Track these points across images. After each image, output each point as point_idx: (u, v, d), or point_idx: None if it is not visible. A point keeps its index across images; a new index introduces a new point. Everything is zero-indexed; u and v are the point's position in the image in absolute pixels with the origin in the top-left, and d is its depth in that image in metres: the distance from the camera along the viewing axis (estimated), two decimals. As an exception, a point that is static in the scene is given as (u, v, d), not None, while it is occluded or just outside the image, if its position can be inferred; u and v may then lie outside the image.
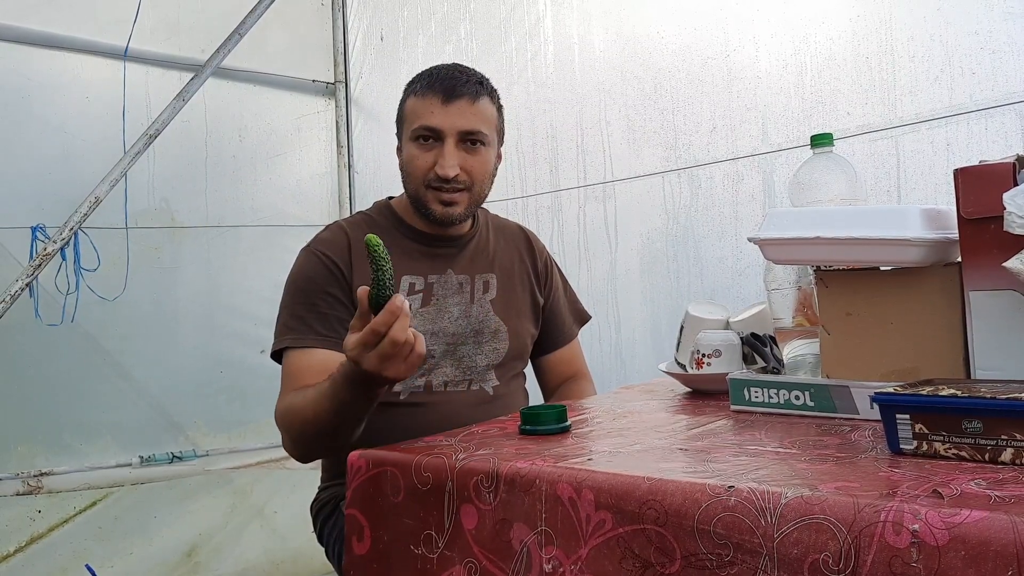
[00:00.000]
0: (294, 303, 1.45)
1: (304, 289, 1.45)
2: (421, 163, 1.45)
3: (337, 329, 1.41)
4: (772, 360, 1.31)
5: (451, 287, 1.53)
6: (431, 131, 1.43)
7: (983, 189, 0.95)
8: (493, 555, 0.90)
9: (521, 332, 1.60)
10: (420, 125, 1.44)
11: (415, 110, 1.46)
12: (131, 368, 2.72)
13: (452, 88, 1.44)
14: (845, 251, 1.06)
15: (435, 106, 1.43)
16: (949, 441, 0.81)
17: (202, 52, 2.74)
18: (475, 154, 1.46)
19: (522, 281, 1.64)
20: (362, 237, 1.50)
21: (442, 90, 1.43)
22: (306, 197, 3.24)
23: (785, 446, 0.94)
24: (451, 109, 1.43)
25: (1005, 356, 0.96)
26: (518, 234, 1.69)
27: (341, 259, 1.46)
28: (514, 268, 1.63)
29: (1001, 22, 1.74)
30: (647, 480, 0.80)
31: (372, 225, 1.54)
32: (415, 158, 1.46)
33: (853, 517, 0.67)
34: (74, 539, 2.51)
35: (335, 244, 1.48)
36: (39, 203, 2.55)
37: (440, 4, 2.99)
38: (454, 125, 1.43)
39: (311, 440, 1.34)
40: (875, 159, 1.92)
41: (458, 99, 1.43)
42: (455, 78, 1.46)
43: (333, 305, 1.43)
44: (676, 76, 2.32)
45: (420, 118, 1.44)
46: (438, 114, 1.43)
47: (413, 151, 1.46)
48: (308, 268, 1.47)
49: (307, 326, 1.41)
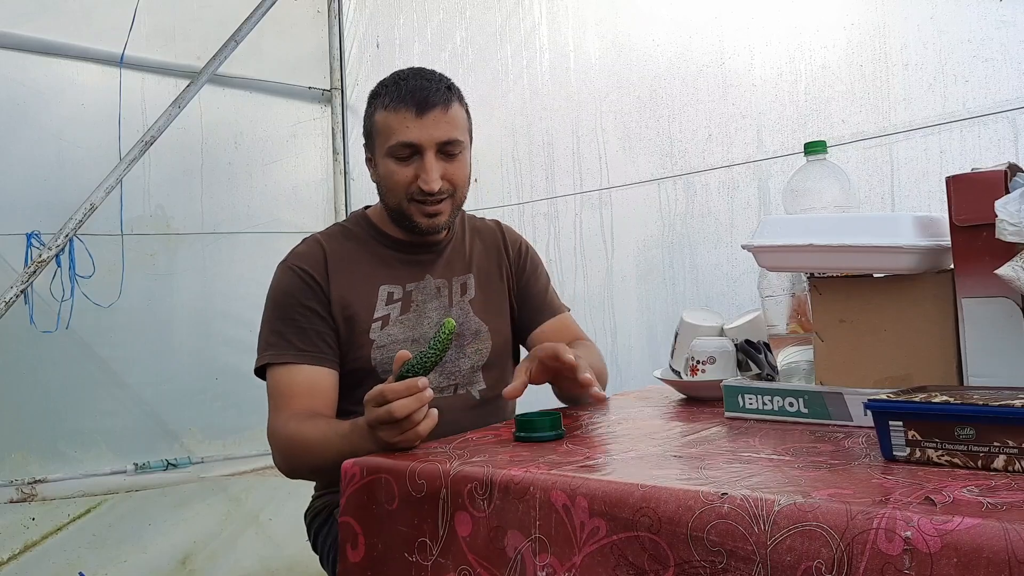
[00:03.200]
0: (273, 318, 1.45)
1: (282, 304, 1.45)
2: (401, 178, 1.43)
3: (316, 343, 1.42)
4: (766, 367, 1.32)
5: (430, 292, 1.53)
6: (410, 147, 1.41)
7: (975, 197, 0.96)
8: (487, 562, 0.90)
9: (503, 330, 1.60)
10: (397, 142, 1.41)
11: (388, 125, 1.42)
12: (126, 375, 2.71)
13: (424, 99, 1.40)
14: (839, 258, 1.07)
15: (409, 120, 1.40)
16: (942, 448, 0.81)
17: (198, 59, 2.74)
18: (454, 162, 1.45)
19: (500, 277, 1.62)
20: (338, 248, 1.52)
21: (414, 103, 1.40)
22: (302, 204, 3.24)
23: (779, 453, 0.94)
24: (426, 121, 1.40)
25: (998, 363, 0.97)
26: (494, 231, 1.68)
27: (318, 272, 1.46)
28: (492, 266, 1.62)
29: (994, 30, 1.75)
30: (641, 487, 0.80)
31: (348, 236, 1.54)
32: (394, 173, 1.43)
33: (846, 524, 0.67)
34: (68, 547, 2.50)
35: (311, 257, 1.48)
36: (34, 210, 2.55)
37: (436, 12, 3.00)
38: (432, 137, 1.41)
39: (309, 469, 1.37)
40: (869, 166, 1.92)
41: (431, 109, 1.40)
42: (424, 88, 1.42)
43: (312, 319, 1.43)
44: (671, 83, 2.33)
45: (395, 134, 1.41)
46: (413, 128, 1.40)
47: (391, 167, 1.44)
48: (285, 283, 1.47)
49: (287, 341, 1.42)
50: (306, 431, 1.32)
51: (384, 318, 1.48)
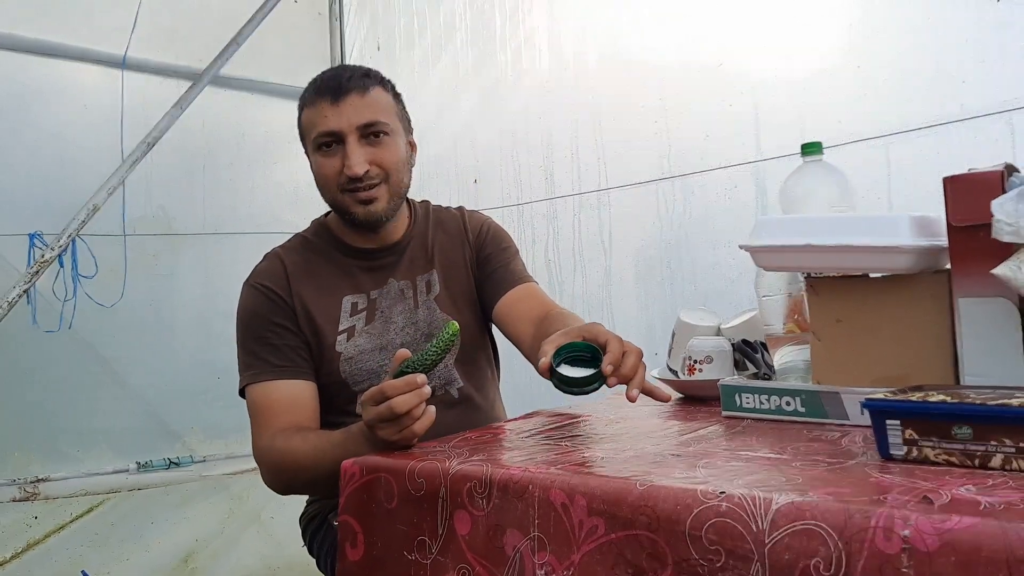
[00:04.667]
0: (246, 339, 1.45)
1: (251, 324, 1.45)
2: (329, 169, 1.42)
3: (292, 357, 1.42)
4: (763, 366, 1.32)
5: (394, 297, 1.51)
6: (330, 135, 1.41)
7: (972, 197, 0.96)
8: (486, 561, 0.90)
9: (470, 324, 1.54)
10: (318, 133, 1.41)
11: (310, 120, 1.43)
12: (128, 374, 2.72)
13: (338, 87, 1.41)
14: (835, 258, 1.07)
15: (326, 109, 1.40)
16: (939, 447, 0.82)
17: (200, 60, 2.75)
18: (380, 145, 1.43)
19: (464, 265, 1.58)
20: (299, 261, 1.50)
21: (329, 92, 1.41)
22: (303, 205, 3.21)
23: (776, 452, 0.94)
24: (342, 107, 1.40)
25: (994, 362, 0.97)
26: (456, 219, 1.63)
27: (280, 287, 1.46)
28: (456, 255, 1.58)
29: (991, 31, 1.75)
30: (639, 486, 0.80)
31: (308, 248, 1.53)
32: (322, 166, 1.43)
33: (844, 523, 0.67)
34: (70, 545, 2.50)
35: (272, 274, 1.48)
36: (37, 210, 2.56)
37: (436, 14, 3.01)
38: (350, 122, 1.40)
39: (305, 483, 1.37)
40: (865, 167, 1.92)
41: (347, 95, 1.40)
42: (338, 76, 1.43)
43: (282, 335, 1.43)
44: (669, 85, 2.33)
45: (316, 126, 1.41)
46: (331, 116, 1.40)
47: (319, 160, 1.43)
48: (251, 302, 1.47)
49: (262, 360, 1.42)
50: (296, 446, 1.30)
51: (349, 330, 1.47)
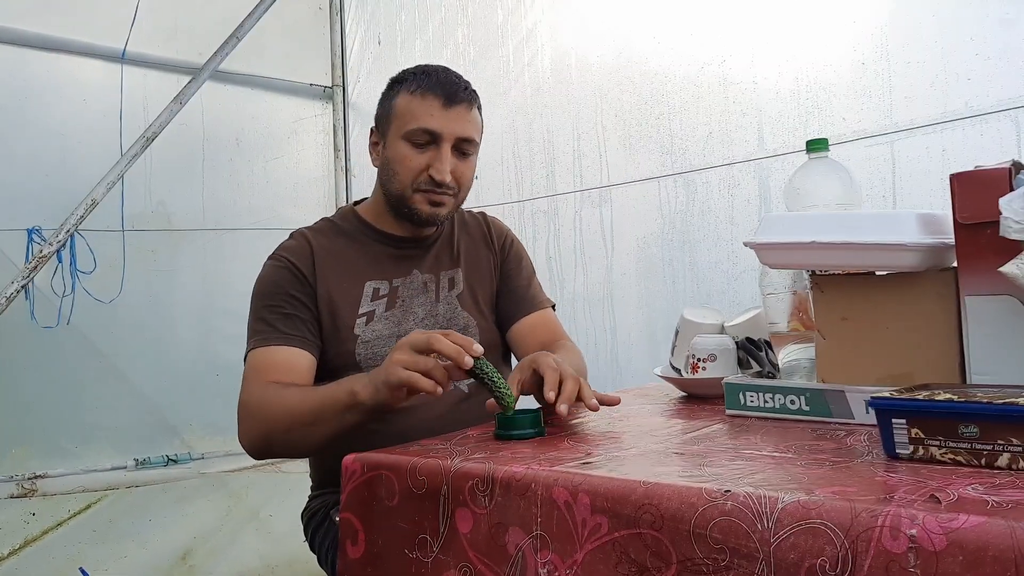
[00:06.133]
0: (259, 308, 1.44)
1: (268, 293, 1.45)
2: (414, 164, 1.43)
3: (301, 329, 1.41)
4: (767, 364, 1.31)
5: (416, 288, 1.52)
6: (429, 134, 1.41)
7: (979, 194, 0.95)
8: (488, 559, 0.90)
9: (491, 325, 1.57)
10: (419, 127, 1.41)
11: (411, 110, 1.43)
12: (127, 371, 2.72)
13: (453, 93, 1.42)
14: (841, 255, 1.06)
15: (435, 109, 1.41)
16: (945, 446, 0.81)
17: (200, 55, 2.74)
18: (465, 162, 1.46)
19: (488, 271, 1.61)
20: (325, 243, 1.51)
21: (443, 94, 1.42)
22: (303, 200, 3.24)
23: (781, 450, 0.93)
24: (451, 114, 1.41)
25: (1001, 361, 0.96)
26: (480, 223, 1.66)
27: (305, 266, 1.46)
28: (479, 259, 1.61)
29: (997, 28, 1.75)
30: (643, 484, 0.80)
31: (336, 231, 1.54)
32: (407, 159, 1.43)
33: (850, 522, 0.67)
34: (68, 542, 2.50)
35: (298, 251, 1.48)
36: (35, 205, 2.55)
37: (437, 9, 3.00)
38: (453, 131, 1.42)
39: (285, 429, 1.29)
40: (871, 164, 1.92)
41: (458, 104, 1.42)
42: (454, 83, 1.44)
43: (297, 307, 1.43)
44: (672, 81, 2.32)
45: (418, 119, 1.42)
46: (438, 117, 1.41)
47: (405, 151, 1.43)
48: (273, 274, 1.47)
49: (271, 327, 1.41)
50: (285, 392, 1.29)
51: (369, 314, 1.47)
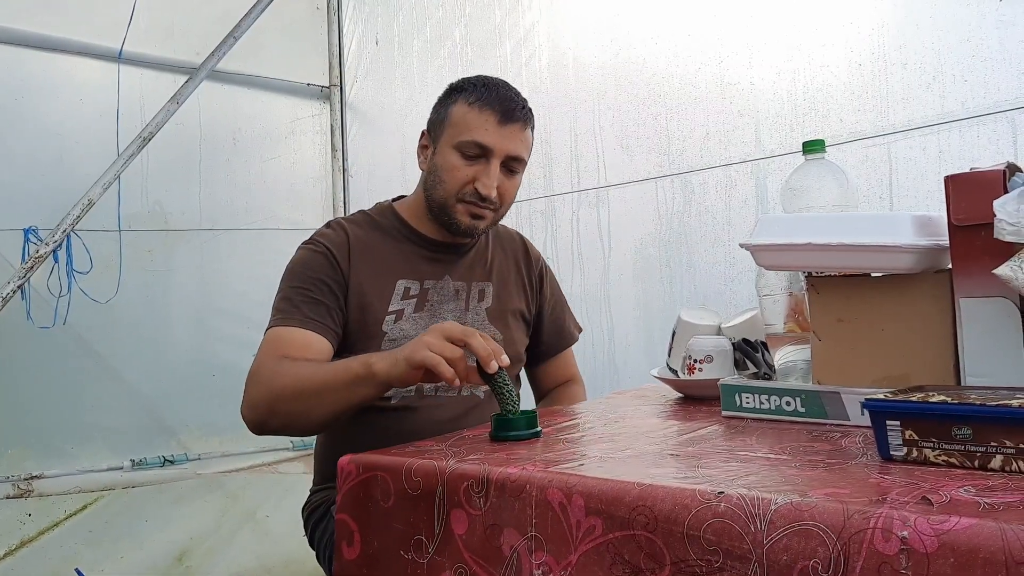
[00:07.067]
0: (287, 287, 1.43)
1: (299, 275, 1.44)
2: (461, 175, 1.43)
3: (325, 316, 1.40)
4: (763, 366, 1.31)
5: (447, 293, 1.53)
6: (481, 148, 1.42)
7: (974, 196, 0.95)
8: (483, 560, 0.90)
9: (516, 341, 1.60)
10: (472, 140, 1.42)
11: (467, 121, 1.43)
12: (123, 371, 2.72)
13: (511, 111, 1.43)
14: (836, 257, 1.06)
15: (490, 124, 1.42)
16: (939, 448, 0.81)
17: (197, 55, 2.74)
18: (511, 179, 1.47)
19: (518, 290, 1.64)
20: (361, 236, 1.53)
21: (501, 110, 1.42)
22: (300, 200, 3.24)
23: (776, 452, 0.93)
24: (505, 131, 1.42)
25: (995, 362, 0.96)
26: (517, 242, 1.70)
27: (340, 255, 1.46)
28: (511, 276, 1.63)
29: (993, 30, 1.75)
30: (637, 486, 0.80)
31: (374, 226, 1.54)
32: (456, 168, 1.44)
33: (843, 523, 0.67)
34: (64, 543, 2.49)
35: (336, 241, 1.48)
36: (32, 205, 2.55)
37: (435, 9, 3.00)
38: (505, 148, 1.42)
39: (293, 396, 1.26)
40: (867, 166, 1.93)
41: (514, 123, 1.43)
42: (513, 100, 1.45)
43: (326, 294, 1.42)
44: (669, 82, 2.33)
45: (472, 131, 1.42)
46: (492, 133, 1.42)
47: (455, 161, 1.44)
48: (307, 257, 1.46)
49: (295, 307, 1.40)
50: (297, 363, 1.28)
51: (398, 312, 1.48)
